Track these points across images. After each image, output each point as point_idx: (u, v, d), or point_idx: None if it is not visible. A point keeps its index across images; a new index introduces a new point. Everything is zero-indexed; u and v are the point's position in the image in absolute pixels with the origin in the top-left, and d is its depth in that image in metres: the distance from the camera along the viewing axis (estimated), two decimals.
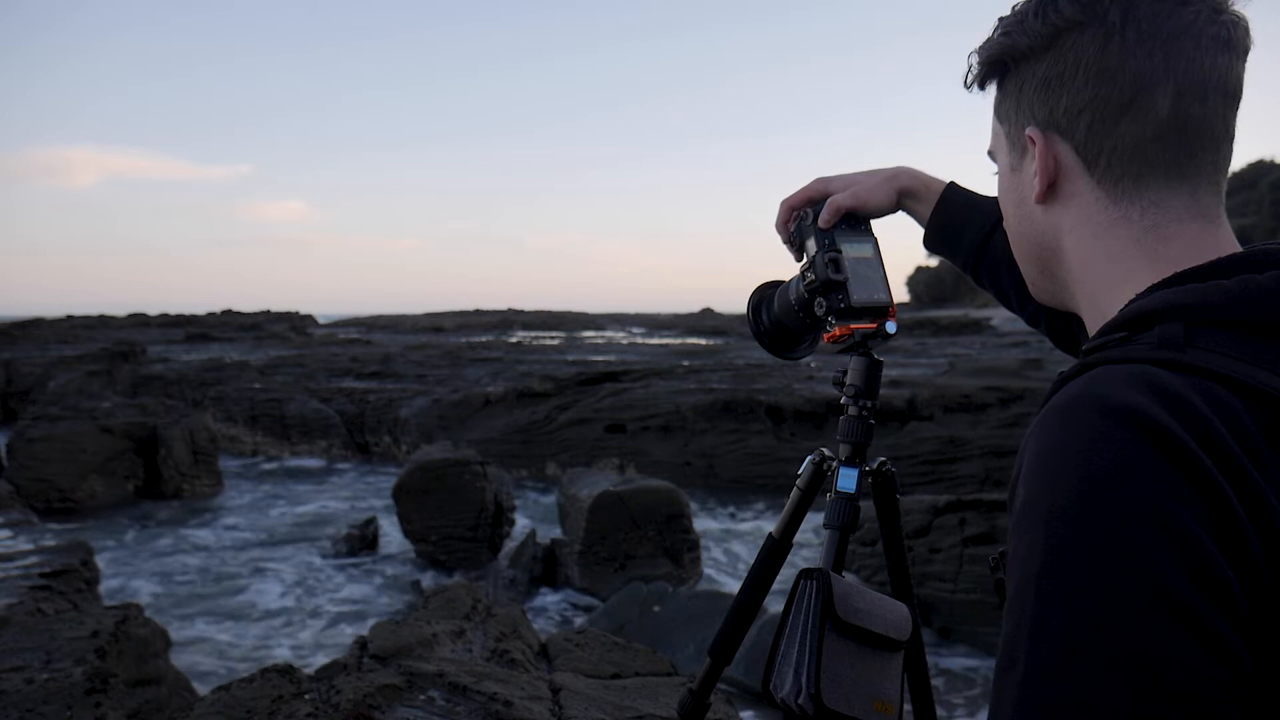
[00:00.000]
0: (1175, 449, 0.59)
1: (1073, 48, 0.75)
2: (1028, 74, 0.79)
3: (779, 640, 1.04)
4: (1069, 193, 0.79)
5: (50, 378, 22.64)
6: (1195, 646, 0.55)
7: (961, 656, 7.08)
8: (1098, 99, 0.74)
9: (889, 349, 1.23)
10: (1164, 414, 0.60)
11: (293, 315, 55.11)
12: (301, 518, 13.18)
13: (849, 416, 1.22)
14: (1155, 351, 0.65)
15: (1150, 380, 0.63)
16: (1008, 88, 0.82)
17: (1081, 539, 0.58)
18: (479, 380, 19.76)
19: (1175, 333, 0.66)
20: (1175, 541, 0.57)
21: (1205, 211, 0.75)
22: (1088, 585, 0.57)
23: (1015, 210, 0.85)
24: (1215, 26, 0.73)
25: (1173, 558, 0.56)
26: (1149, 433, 0.59)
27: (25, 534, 5.76)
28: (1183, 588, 0.56)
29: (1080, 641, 0.57)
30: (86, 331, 38.82)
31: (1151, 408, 0.60)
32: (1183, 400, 0.61)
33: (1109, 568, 0.57)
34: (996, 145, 0.87)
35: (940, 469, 12.99)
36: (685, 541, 9.07)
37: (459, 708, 2.58)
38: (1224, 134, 0.75)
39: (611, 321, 68.73)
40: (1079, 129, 0.76)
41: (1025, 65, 0.79)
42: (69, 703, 3.05)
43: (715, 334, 45.13)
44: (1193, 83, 0.72)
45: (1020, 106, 0.80)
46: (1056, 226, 0.81)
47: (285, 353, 28.02)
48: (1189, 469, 0.58)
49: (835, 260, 1.17)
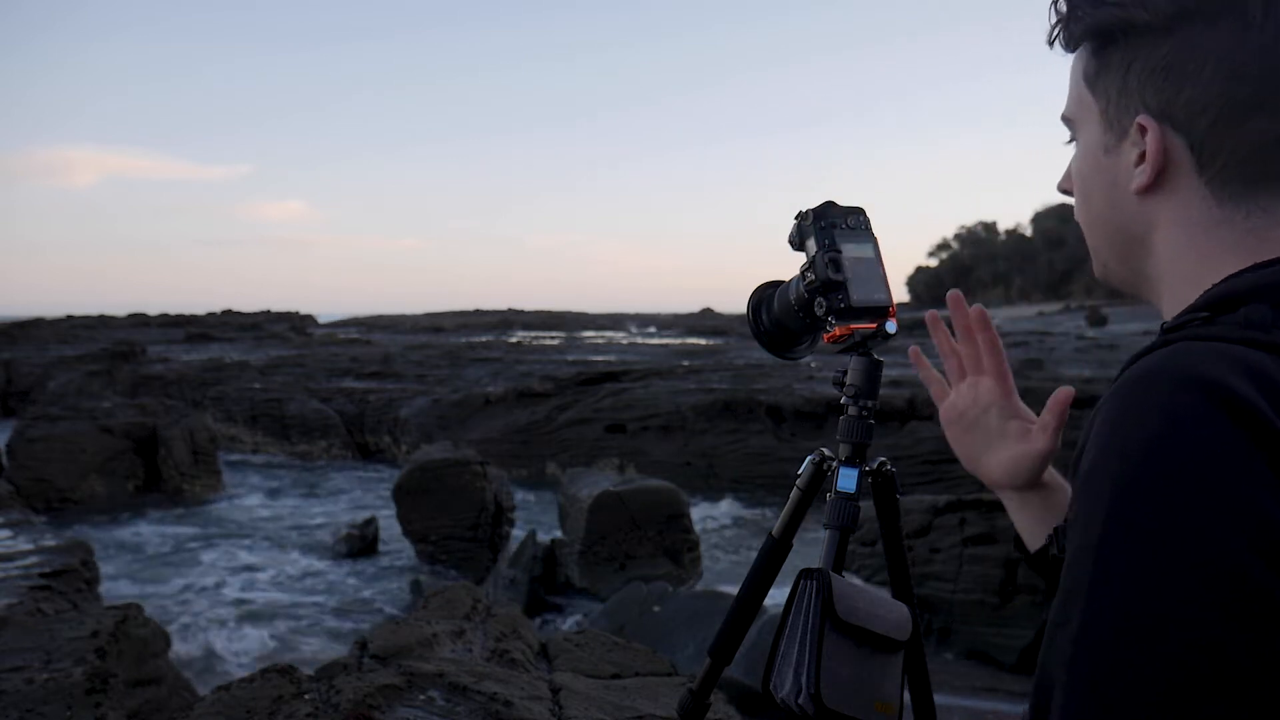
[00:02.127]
0: (1258, 425, 0.56)
1: (1202, 35, 0.68)
2: (1141, 53, 0.71)
3: (779, 640, 1.04)
4: (1172, 188, 0.73)
5: (50, 378, 22.64)
6: (1265, 633, 0.53)
7: (962, 656, 7.08)
8: (1225, 97, 0.68)
9: (889, 349, 1.22)
10: (1249, 388, 0.57)
11: (293, 315, 55.10)
12: (301, 518, 13.18)
13: (849, 416, 1.22)
14: (1241, 331, 0.63)
15: (1234, 356, 0.60)
16: (1111, 60, 0.74)
17: (1150, 510, 0.56)
18: (479, 380, 19.76)
19: (1263, 313, 0.63)
20: (1252, 522, 0.54)
21: None
22: (1151, 558, 0.55)
23: (1104, 194, 0.79)
24: None
25: (1248, 538, 0.54)
26: (1230, 407, 0.57)
27: (25, 534, 5.76)
28: (1255, 570, 0.53)
29: (1139, 607, 0.55)
30: (86, 331, 38.83)
31: (1235, 381, 0.58)
32: (1268, 378, 0.58)
33: (1176, 543, 0.55)
34: (1081, 116, 0.79)
35: (940, 469, 13.00)
36: (685, 541, 9.07)
37: (459, 708, 2.58)
38: None
39: (611, 322, 68.71)
40: (1199, 126, 0.70)
41: (1139, 42, 0.71)
42: (69, 703, 3.05)
43: (715, 334, 45.14)
44: None
45: (1127, 87, 0.73)
46: (1150, 219, 0.75)
47: (285, 353, 28.02)
48: (1269, 444, 0.55)
49: (835, 260, 1.17)
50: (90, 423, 13.70)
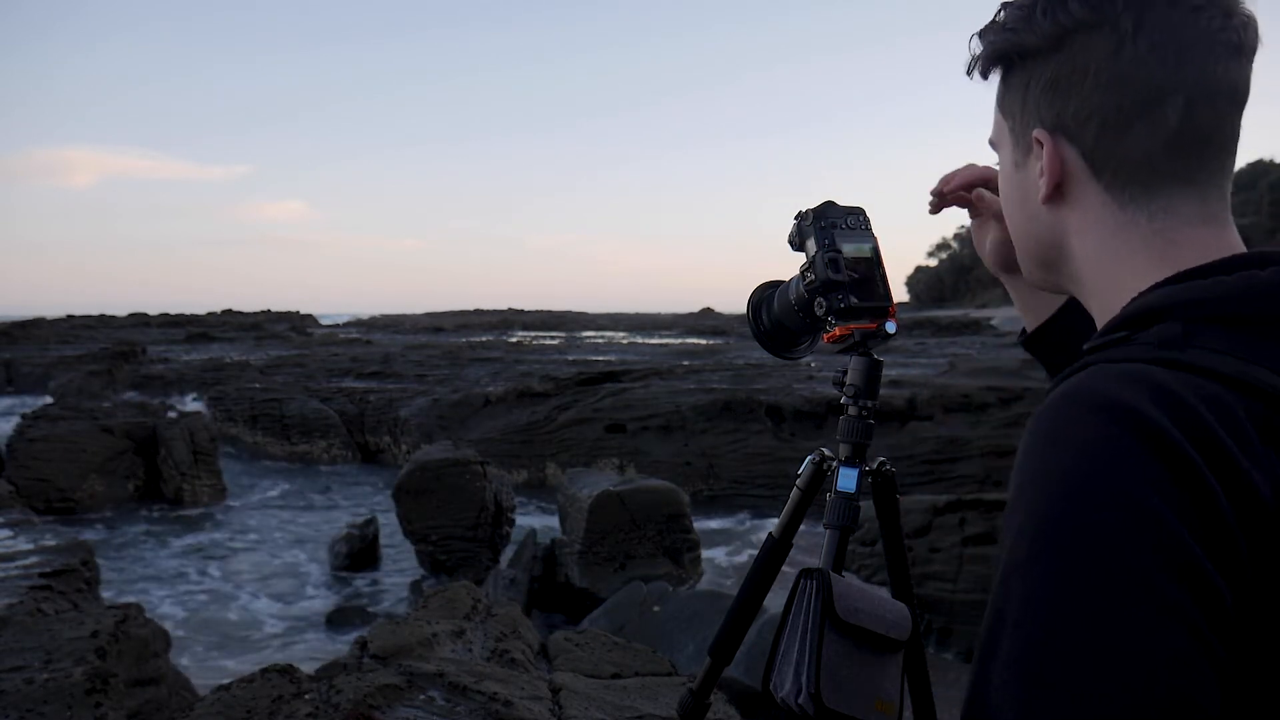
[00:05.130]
0: (1164, 445, 0.59)
1: (1082, 51, 0.73)
2: (1034, 72, 0.77)
3: (779, 640, 1.04)
4: (1076, 195, 0.78)
5: (50, 378, 22.64)
6: (1174, 640, 0.56)
7: (962, 657, 7.08)
8: (1107, 106, 0.73)
9: (889, 349, 1.23)
10: (1154, 410, 0.60)
11: (293, 315, 55.15)
12: (301, 517, 13.18)
13: (849, 416, 1.22)
14: (1154, 351, 0.66)
15: (1145, 377, 0.63)
16: (1013, 82, 0.80)
17: (1066, 530, 0.59)
18: (479, 380, 19.75)
19: (1174, 332, 0.66)
20: (1157, 536, 0.57)
21: (1213, 215, 0.75)
22: (1071, 576, 0.58)
23: (1019, 207, 0.85)
24: (1227, 32, 0.71)
25: (1155, 552, 0.57)
26: (1138, 428, 0.60)
27: (25, 534, 5.75)
28: (1165, 582, 0.56)
29: (1061, 631, 0.57)
30: (87, 331, 38.85)
31: (1142, 403, 0.61)
32: (1176, 397, 0.61)
33: (1093, 559, 0.57)
34: (999, 137, 0.85)
35: (940, 469, 12.99)
36: (685, 541, 9.07)
37: (459, 708, 2.58)
38: (1231, 138, 0.75)
39: (610, 323, 68.72)
40: (1087, 135, 0.75)
41: (1032, 63, 0.77)
42: (69, 703, 3.05)
43: (715, 334, 45.13)
44: (1204, 92, 0.71)
45: (1026, 105, 0.79)
46: (1062, 226, 0.80)
47: (285, 353, 28.03)
48: (1177, 465, 0.58)
49: (835, 260, 1.17)
50: (90, 423, 13.70)
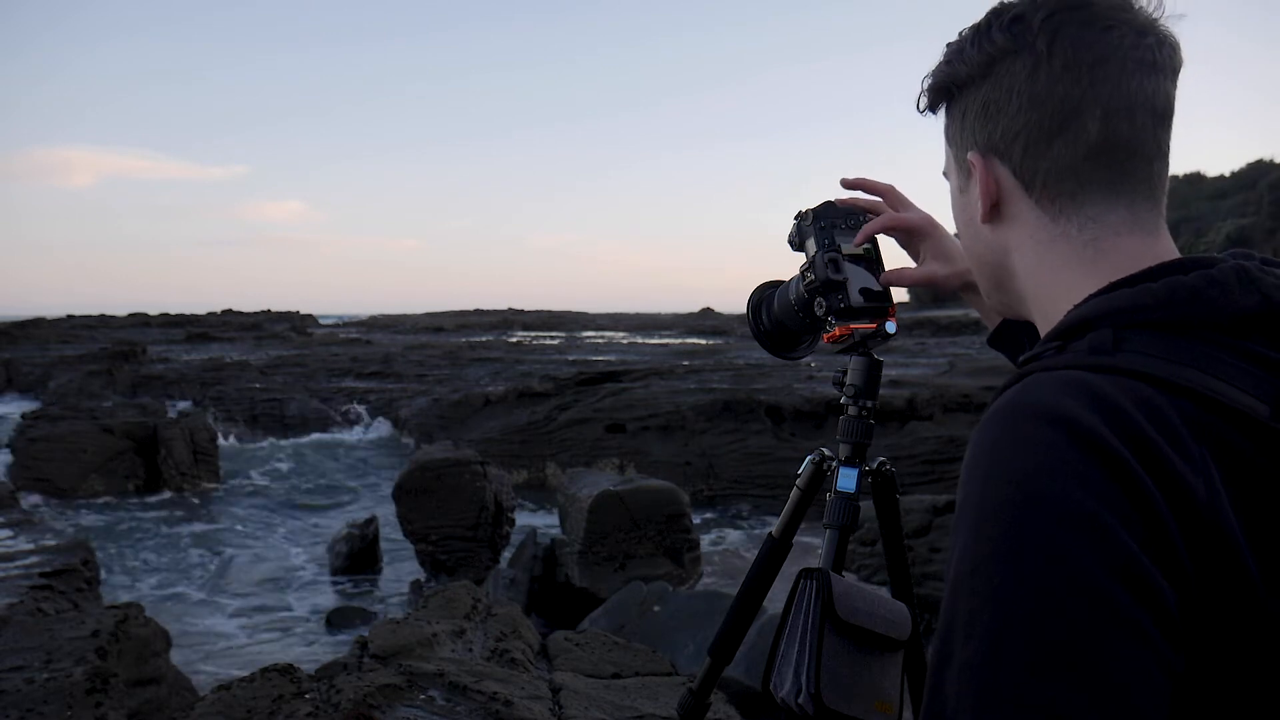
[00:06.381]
0: (1099, 449, 0.61)
1: (1006, 75, 0.78)
2: (969, 100, 0.82)
3: (779, 640, 1.04)
4: (1011, 213, 0.82)
5: (50, 378, 22.64)
6: (1119, 641, 0.57)
7: None
8: (1030, 124, 0.77)
9: (889, 349, 1.23)
10: (1091, 416, 0.62)
11: (293, 315, 55.15)
12: (301, 517, 13.18)
13: (849, 416, 1.22)
14: (1086, 357, 0.68)
15: (1080, 384, 0.65)
16: (953, 113, 0.85)
17: (1009, 538, 0.61)
18: (479, 380, 19.76)
19: (1105, 338, 0.69)
20: (1098, 539, 0.59)
21: (1143, 224, 0.78)
22: (1015, 582, 0.59)
23: (966, 230, 0.89)
24: (1140, 50, 0.75)
25: (1096, 555, 0.58)
26: (1074, 434, 0.62)
27: (25, 534, 5.75)
28: (1106, 584, 0.58)
29: (1009, 637, 0.59)
30: (87, 331, 38.86)
31: (1077, 409, 0.63)
32: (1110, 402, 0.63)
33: (1035, 565, 0.59)
34: (948, 167, 0.90)
35: (940, 469, 12.99)
36: (685, 541, 9.06)
37: (459, 707, 2.58)
38: (1156, 151, 0.77)
39: (610, 323, 68.72)
40: (1015, 153, 0.79)
41: (966, 92, 0.82)
42: (69, 703, 3.05)
43: (715, 334, 45.11)
44: (1120, 105, 0.75)
45: (964, 131, 0.84)
46: (1004, 244, 0.84)
47: (285, 353, 28.04)
48: (1113, 467, 0.60)
49: (835, 260, 1.17)
50: (91, 422, 13.70)
